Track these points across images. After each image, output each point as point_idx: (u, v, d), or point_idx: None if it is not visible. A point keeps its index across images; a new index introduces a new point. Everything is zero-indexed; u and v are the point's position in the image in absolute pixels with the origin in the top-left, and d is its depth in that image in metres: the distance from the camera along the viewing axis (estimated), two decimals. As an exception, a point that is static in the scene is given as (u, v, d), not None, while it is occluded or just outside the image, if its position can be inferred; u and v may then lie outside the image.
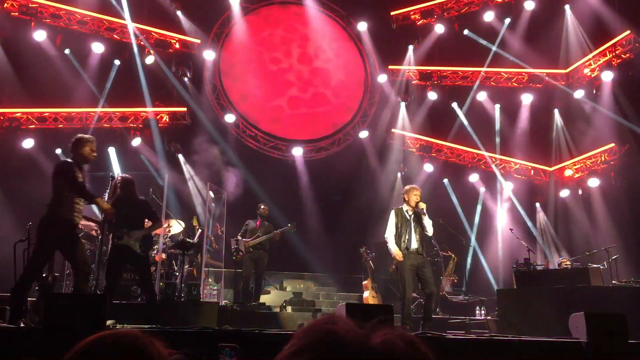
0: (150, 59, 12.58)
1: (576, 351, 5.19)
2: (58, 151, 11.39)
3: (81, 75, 12.02)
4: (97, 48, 12.23)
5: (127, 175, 7.03)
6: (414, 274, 7.24)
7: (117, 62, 12.47)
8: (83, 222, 8.82)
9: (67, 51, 12.00)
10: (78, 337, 1.15)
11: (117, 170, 11.54)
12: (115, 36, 12.60)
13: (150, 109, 12.45)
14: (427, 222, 7.45)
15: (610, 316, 5.55)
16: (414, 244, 7.32)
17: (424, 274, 7.25)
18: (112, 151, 12.00)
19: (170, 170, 11.62)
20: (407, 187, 7.75)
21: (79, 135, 5.99)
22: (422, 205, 7.41)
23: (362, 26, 14.27)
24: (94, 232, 8.98)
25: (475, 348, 5.39)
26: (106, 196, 6.72)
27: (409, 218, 7.43)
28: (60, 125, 11.97)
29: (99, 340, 1.10)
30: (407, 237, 7.32)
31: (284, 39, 14.30)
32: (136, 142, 12.24)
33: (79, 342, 1.11)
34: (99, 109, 12.18)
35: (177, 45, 13.07)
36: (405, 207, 7.53)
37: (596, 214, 12.55)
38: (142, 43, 12.71)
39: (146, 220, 6.90)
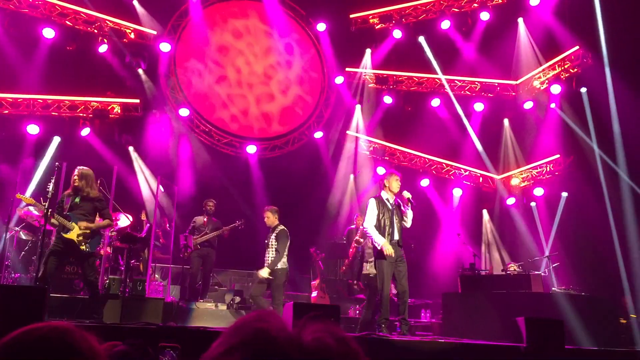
0: (103, 48, 12.26)
1: (515, 355, 5.34)
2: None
3: (29, 61, 11.59)
4: (48, 33, 11.82)
5: (85, 168, 6.80)
6: (393, 268, 6.78)
7: (68, 49, 12.11)
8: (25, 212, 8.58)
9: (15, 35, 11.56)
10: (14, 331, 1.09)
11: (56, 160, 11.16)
12: (67, 22, 12.21)
13: (101, 99, 12.13)
14: (410, 213, 6.98)
15: (549, 322, 5.74)
16: (396, 235, 6.84)
17: (399, 269, 6.83)
18: (56, 140, 11.54)
19: (120, 162, 11.37)
20: (387, 173, 7.25)
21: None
22: (408, 195, 6.95)
23: (321, 27, 14.30)
24: (35, 223, 8.72)
25: (419, 350, 5.48)
26: (51, 186, 6.51)
27: (390, 207, 6.93)
28: (5, 111, 11.53)
29: (26, 334, 1.03)
30: (390, 228, 6.80)
31: (242, 34, 14.18)
32: (85, 132, 11.90)
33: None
34: (47, 96, 11.79)
35: (132, 36, 12.76)
36: (385, 194, 7.01)
37: (540, 222, 12.94)
38: (95, 31, 12.39)
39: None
